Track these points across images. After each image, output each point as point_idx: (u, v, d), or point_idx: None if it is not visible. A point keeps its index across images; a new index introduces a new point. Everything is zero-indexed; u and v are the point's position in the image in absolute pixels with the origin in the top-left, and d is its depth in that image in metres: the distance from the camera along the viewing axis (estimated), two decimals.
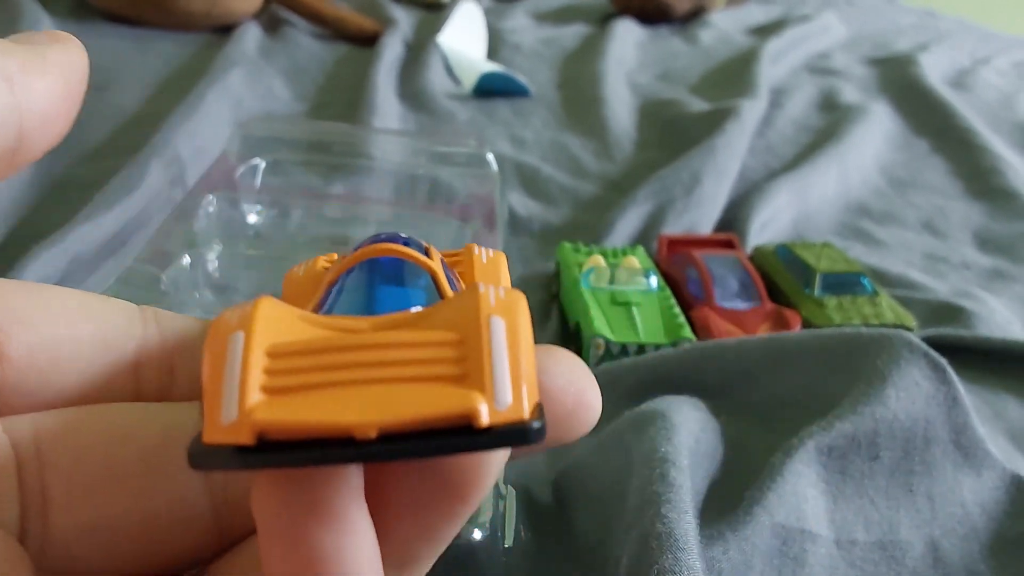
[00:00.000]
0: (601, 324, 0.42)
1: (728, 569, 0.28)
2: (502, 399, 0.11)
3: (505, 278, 0.17)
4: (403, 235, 0.17)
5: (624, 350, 0.41)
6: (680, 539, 0.26)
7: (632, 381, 0.38)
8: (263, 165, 0.48)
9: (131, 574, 0.15)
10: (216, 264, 0.40)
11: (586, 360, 0.42)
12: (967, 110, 0.81)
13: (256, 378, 0.12)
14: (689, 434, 0.32)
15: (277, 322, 0.13)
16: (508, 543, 0.28)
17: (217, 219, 0.43)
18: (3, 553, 0.13)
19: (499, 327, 0.12)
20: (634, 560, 0.26)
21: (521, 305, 0.13)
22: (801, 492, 0.31)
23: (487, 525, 0.27)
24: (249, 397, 0.11)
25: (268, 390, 0.12)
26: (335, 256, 0.17)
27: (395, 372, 0.12)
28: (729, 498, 0.31)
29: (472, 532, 0.26)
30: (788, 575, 0.29)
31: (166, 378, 0.16)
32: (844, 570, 0.30)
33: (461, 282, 0.17)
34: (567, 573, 0.30)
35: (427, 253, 0.16)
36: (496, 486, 0.28)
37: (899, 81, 0.90)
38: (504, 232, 0.52)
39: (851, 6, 1.27)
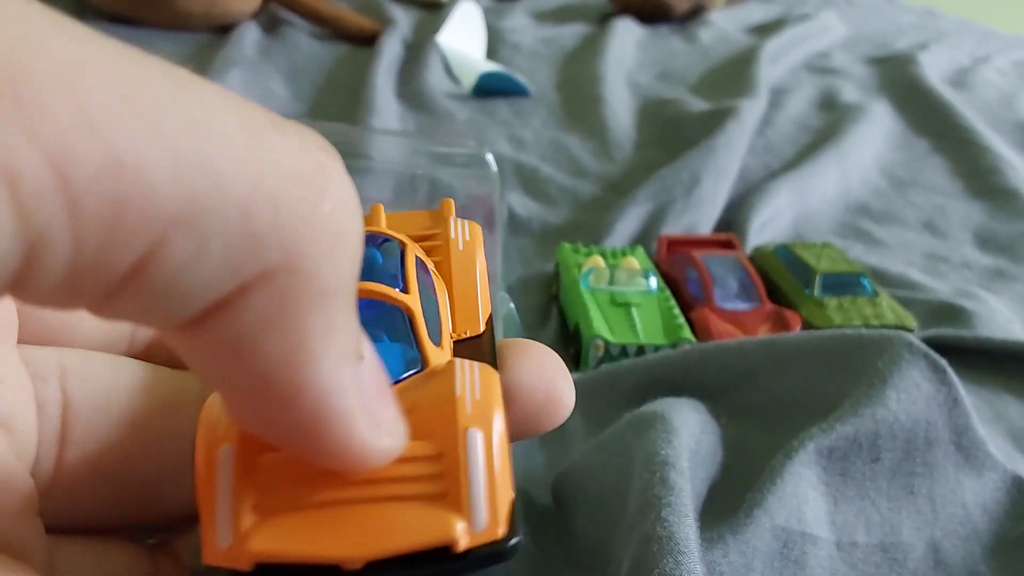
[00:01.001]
0: (600, 325, 0.42)
1: (729, 572, 0.28)
2: (479, 520, 0.12)
3: (481, 261, 0.18)
4: (380, 235, 0.17)
5: (624, 351, 0.41)
6: (681, 542, 0.26)
7: (632, 383, 0.38)
8: None
9: (121, 524, 0.16)
10: None
11: (585, 361, 0.41)
12: (967, 109, 0.81)
13: (248, 497, 0.12)
14: (689, 436, 0.31)
15: None
16: None
17: None
18: (16, 487, 0.14)
19: (476, 442, 0.13)
20: (635, 563, 0.26)
21: (496, 402, 0.13)
22: (802, 494, 0.31)
23: None
24: (243, 522, 0.12)
25: (260, 509, 0.12)
26: None
27: (379, 491, 0.12)
28: (729, 500, 0.31)
29: None
30: None
31: (155, 332, 0.17)
32: (845, 572, 0.30)
33: (438, 280, 0.17)
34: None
35: (403, 249, 0.17)
36: None
37: (899, 80, 0.90)
38: (504, 232, 0.52)
39: (851, 5, 1.27)
